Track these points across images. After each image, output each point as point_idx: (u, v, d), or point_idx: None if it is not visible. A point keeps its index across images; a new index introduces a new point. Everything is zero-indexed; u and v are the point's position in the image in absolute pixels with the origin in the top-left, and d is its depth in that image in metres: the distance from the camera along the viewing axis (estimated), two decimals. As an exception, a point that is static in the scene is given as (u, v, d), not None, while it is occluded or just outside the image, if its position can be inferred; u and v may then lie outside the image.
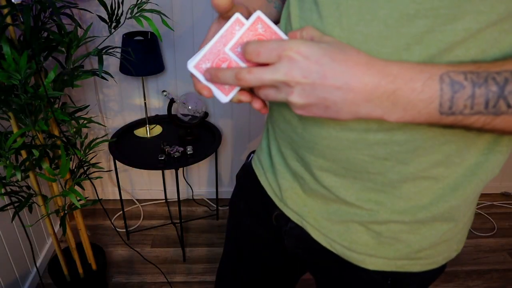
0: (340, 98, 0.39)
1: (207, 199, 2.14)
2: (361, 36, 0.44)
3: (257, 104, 0.48)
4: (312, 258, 0.68)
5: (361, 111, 0.40)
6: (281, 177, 0.65)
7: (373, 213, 0.55)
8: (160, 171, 2.04)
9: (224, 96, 0.47)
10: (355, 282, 0.63)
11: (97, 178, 1.35)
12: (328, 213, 0.59)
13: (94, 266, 1.47)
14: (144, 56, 1.50)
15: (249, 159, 0.78)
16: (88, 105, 1.30)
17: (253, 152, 0.79)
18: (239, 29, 0.46)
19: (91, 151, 1.24)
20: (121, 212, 1.97)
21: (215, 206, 2.03)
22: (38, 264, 1.63)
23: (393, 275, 0.59)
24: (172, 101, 1.62)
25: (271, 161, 0.68)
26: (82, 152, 1.21)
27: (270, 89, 0.42)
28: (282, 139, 0.62)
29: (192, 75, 0.48)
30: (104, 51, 1.15)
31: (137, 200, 2.12)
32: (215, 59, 0.46)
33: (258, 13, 0.45)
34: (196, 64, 0.46)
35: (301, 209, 0.63)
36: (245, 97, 0.47)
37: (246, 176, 0.77)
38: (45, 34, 1.14)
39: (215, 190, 1.98)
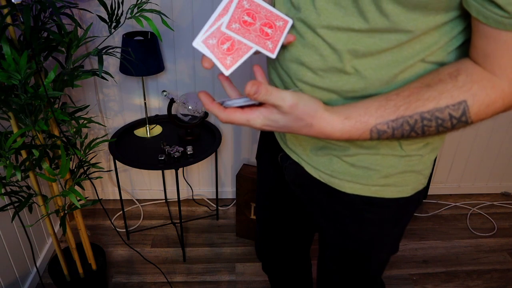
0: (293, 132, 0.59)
1: (207, 199, 2.15)
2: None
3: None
4: (306, 190, 0.82)
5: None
6: None
7: (345, 148, 0.69)
8: (160, 171, 2.04)
9: (225, 69, 0.52)
10: (339, 207, 0.77)
11: (97, 178, 1.35)
12: (316, 149, 0.73)
13: (94, 266, 1.47)
14: (144, 56, 1.50)
15: None
16: (88, 105, 1.30)
17: None
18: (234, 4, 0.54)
19: (91, 151, 1.24)
20: (121, 212, 1.97)
21: (215, 206, 2.03)
22: (38, 264, 1.64)
23: (369, 199, 0.72)
24: (172, 101, 1.62)
25: None
26: (82, 152, 1.21)
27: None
28: None
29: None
30: (104, 51, 1.15)
31: (137, 200, 2.12)
32: (221, 37, 0.53)
33: None
34: (204, 40, 0.53)
35: (297, 148, 0.77)
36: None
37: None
38: (45, 34, 1.14)
39: (215, 190, 1.99)
